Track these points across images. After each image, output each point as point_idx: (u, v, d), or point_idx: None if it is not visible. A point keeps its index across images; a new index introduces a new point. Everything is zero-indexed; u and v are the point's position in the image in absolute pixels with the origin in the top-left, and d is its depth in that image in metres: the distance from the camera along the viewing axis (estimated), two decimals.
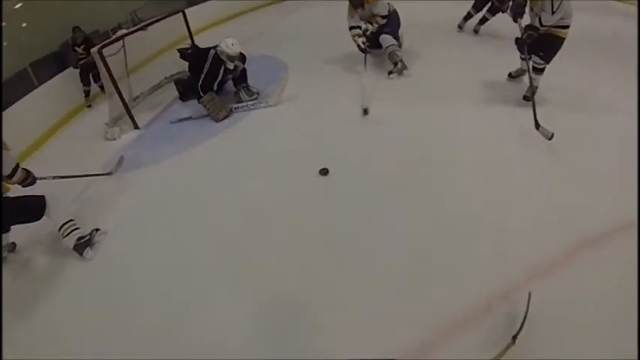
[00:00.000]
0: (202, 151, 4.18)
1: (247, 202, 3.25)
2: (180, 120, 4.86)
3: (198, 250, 2.87)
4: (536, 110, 3.52)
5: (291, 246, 2.74)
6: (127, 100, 4.87)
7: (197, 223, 3.15)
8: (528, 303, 1.96)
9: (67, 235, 2.80)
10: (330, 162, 3.44)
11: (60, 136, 5.58)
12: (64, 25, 6.24)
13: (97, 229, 3.03)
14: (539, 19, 3.52)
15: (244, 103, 4.81)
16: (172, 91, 5.54)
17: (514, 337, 1.82)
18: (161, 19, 5.60)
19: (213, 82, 4.75)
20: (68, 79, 6.09)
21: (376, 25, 5.01)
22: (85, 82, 6.16)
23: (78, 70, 6.07)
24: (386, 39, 4.97)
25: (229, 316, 2.30)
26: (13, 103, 5.67)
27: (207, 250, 2.85)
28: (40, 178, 3.05)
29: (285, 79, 5.43)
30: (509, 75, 4.53)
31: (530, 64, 3.85)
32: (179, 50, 5.82)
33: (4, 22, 7.08)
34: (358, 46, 5.03)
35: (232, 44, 4.62)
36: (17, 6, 7.30)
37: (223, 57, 4.64)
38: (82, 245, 2.85)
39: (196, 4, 9.37)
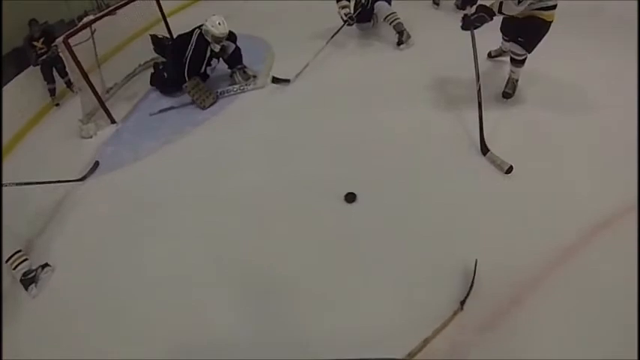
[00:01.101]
0: (188, 142, 3.78)
1: (243, 195, 2.91)
2: (161, 111, 4.39)
3: (192, 257, 2.54)
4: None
5: (292, 241, 2.47)
6: (100, 93, 4.43)
7: (189, 225, 2.81)
8: (475, 270, 2.00)
9: (14, 268, 2.66)
10: (326, 148, 3.10)
11: (30, 138, 5.12)
12: (26, 19, 5.65)
13: (45, 265, 2.74)
14: (500, 4, 2.74)
15: (231, 87, 4.35)
16: (148, 78, 5.04)
17: (462, 303, 1.87)
18: (130, 1, 5.09)
19: (199, 66, 4.23)
20: (32, 76, 5.58)
21: None
22: (49, 79, 5.60)
23: (39, 67, 5.54)
24: (383, 6, 4.47)
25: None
26: None
27: (201, 256, 2.53)
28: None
29: (269, 58, 4.94)
30: (489, 54, 3.84)
31: (506, 48, 3.27)
32: (153, 37, 5.34)
33: None
34: (342, 17, 4.51)
35: (219, 23, 4.03)
36: None
37: (208, 37, 4.09)
38: (28, 281, 2.65)
39: None
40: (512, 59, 3.15)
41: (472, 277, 1.98)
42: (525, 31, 2.93)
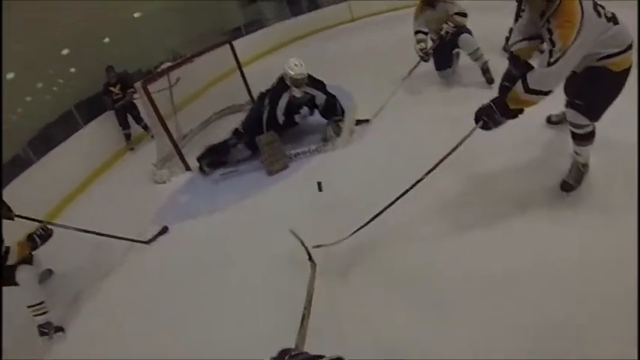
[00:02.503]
0: (265, 198, 3.43)
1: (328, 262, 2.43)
2: (223, 175, 3.99)
3: (263, 319, 2.17)
4: None
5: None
6: (175, 139, 4.39)
7: (259, 284, 2.45)
8: None
9: (34, 316, 2.67)
10: (412, 214, 2.52)
11: (104, 180, 5.21)
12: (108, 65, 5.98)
13: (59, 329, 2.71)
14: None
15: (306, 148, 3.80)
16: (224, 128, 4.97)
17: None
18: (207, 50, 5.22)
19: (274, 108, 3.81)
20: (110, 121, 5.80)
21: (452, 25, 3.87)
22: (124, 124, 5.84)
23: (114, 113, 5.75)
24: (468, 40, 3.88)
25: None
26: (59, 143, 5.55)
27: (271, 317, 2.14)
28: (59, 226, 3.00)
29: (352, 111, 4.20)
30: (548, 120, 2.98)
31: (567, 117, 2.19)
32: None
33: (51, 69, 7.11)
34: (417, 53, 4.08)
35: (296, 64, 3.72)
36: (64, 52, 7.34)
37: (288, 81, 3.77)
38: (41, 333, 2.67)
39: (240, 37, 9.25)
40: (572, 134, 2.17)
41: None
42: (584, 90, 2.03)
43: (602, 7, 1.86)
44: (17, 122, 6.44)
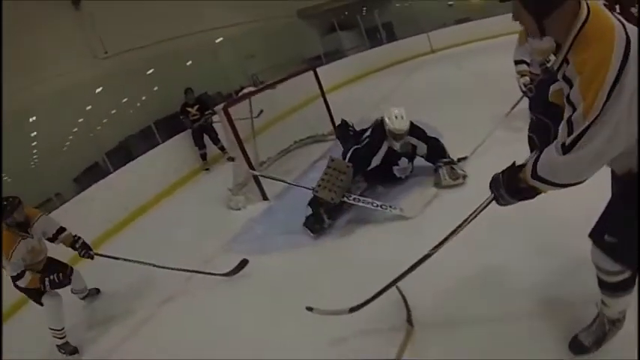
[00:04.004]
0: (349, 238, 3.06)
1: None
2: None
3: None
4: None
5: None
6: (253, 165, 4.20)
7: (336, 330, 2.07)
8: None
9: (54, 337, 2.79)
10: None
11: (178, 197, 5.19)
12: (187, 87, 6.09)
13: (75, 352, 2.80)
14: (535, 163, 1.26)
15: (369, 200, 3.08)
16: (304, 157, 4.78)
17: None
18: (291, 76, 5.08)
19: (367, 160, 3.28)
20: (189, 139, 5.84)
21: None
22: (200, 144, 5.89)
23: (191, 133, 5.82)
24: None
25: None
26: (136, 157, 5.68)
27: None
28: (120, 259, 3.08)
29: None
30: None
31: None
32: (342, 121, 4.35)
33: (136, 85, 7.44)
34: (520, 88, 3.48)
35: (396, 116, 3.23)
36: (149, 71, 7.68)
37: (387, 131, 3.30)
38: (58, 349, 2.81)
39: (320, 65, 9.29)
40: (598, 279, 1.38)
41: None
42: (618, 216, 1.27)
43: None
44: (100, 132, 6.69)
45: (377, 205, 3.02)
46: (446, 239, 1.69)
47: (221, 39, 9.12)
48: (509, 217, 1.82)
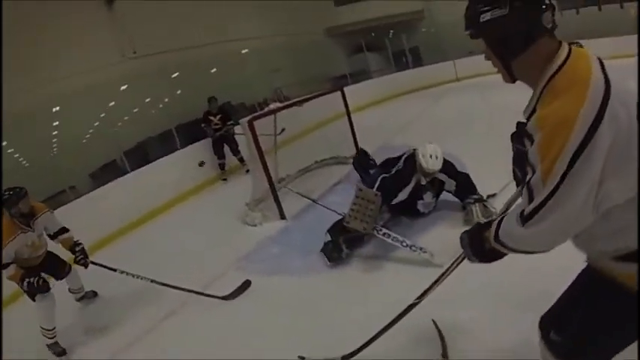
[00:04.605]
0: (366, 264, 2.97)
1: None
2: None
3: None
4: None
5: None
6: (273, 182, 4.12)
7: None
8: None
9: (44, 336, 2.77)
10: None
11: (192, 204, 5.16)
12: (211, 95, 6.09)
13: (63, 353, 2.78)
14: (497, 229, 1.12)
15: (399, 239, 2.88)
16: (324, 178, 4.70)
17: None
18: (319, 95, 5.02)
19: (394, 192, 3.14)
20: (208, 147, 5.81)
21: None
22: (219, 154, 5.85)
23: (211, 141, 5.80)
24: None
25: None
26: (154, 159, 5.70)
27: None
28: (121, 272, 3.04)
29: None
30: None
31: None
32: (361, 150, 4.53)
33: (160, 87, 7.49)
34: None
35: (431, 156, 3.06)
36: (174, 75, 7.75)
37: (417, 166, 3.17)
38: (48, 348, 2.79)
39: (345, 85, 9.29)
40: None
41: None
42: (570, 312, 1.12)
43: None
44: (120, 130, 6.72)
45: (406, 245, 2.87)
46: (429, 289, 1.67)
47: (246, 50, 9.19)
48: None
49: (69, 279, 3.23)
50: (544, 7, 0.93)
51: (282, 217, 3.96)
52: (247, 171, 5.58)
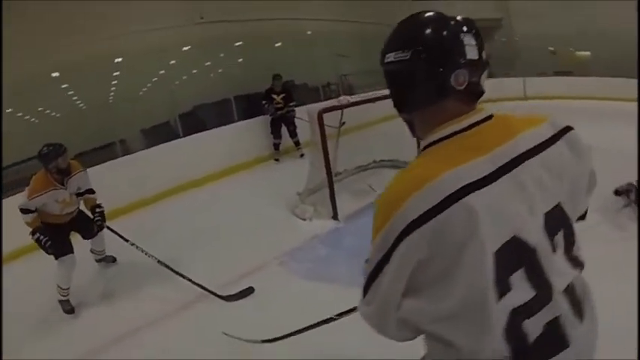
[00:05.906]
0: None
1: None
2: None
3: None
4: None
5: None
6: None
7: None
8: None
9: (58, 292, 2.82)
10: None
11: (240, 179, 5.08)
12: (276, 72, 5.82)
13: (71, 311, 2.84)
14: None
15: None
16: (380, 180, 4.26)
17: None
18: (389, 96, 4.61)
19: None
20: (266, 125, 5.60)
21: None
22: (276, 134, 5.64)
23: (270, 120, 5.58)
24: None
25: None
26: (208, 127, 5.63)
27: None
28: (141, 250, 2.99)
29: None
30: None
31: None
32: None
33: (224, 54, 7.28)
34: None
35: None
36: (238, 43, 7.49)
37: None
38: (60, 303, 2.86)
39: None
40: None
41: None
42: None
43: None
44: (177, 89, 6.56)
45: None
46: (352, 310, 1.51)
47: (310, 32, 8.80)
48: None
49: (94, 239, 3.24)
50: (462, 62, 0.75)
51: (335, 216, 3.65)
52: (302, 155, 5.40)
